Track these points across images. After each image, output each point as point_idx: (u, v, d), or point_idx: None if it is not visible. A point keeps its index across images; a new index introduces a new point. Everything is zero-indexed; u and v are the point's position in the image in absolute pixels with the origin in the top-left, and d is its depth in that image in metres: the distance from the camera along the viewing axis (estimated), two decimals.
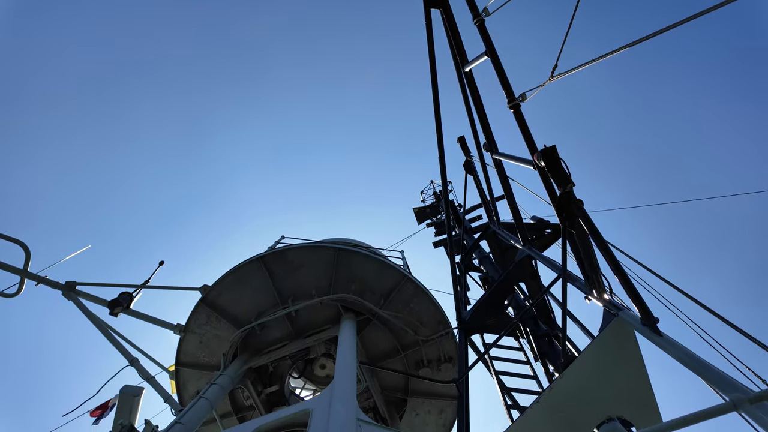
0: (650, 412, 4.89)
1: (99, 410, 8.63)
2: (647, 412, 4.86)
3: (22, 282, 7.74)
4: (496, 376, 7.11)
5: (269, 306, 8.38)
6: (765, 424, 2.33)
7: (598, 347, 4.59)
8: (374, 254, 8.61)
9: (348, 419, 4.63)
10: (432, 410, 8.95)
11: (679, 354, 3.45)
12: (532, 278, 7.63)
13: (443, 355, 8.66)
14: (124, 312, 7.86)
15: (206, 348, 8.31)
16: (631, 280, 4.08)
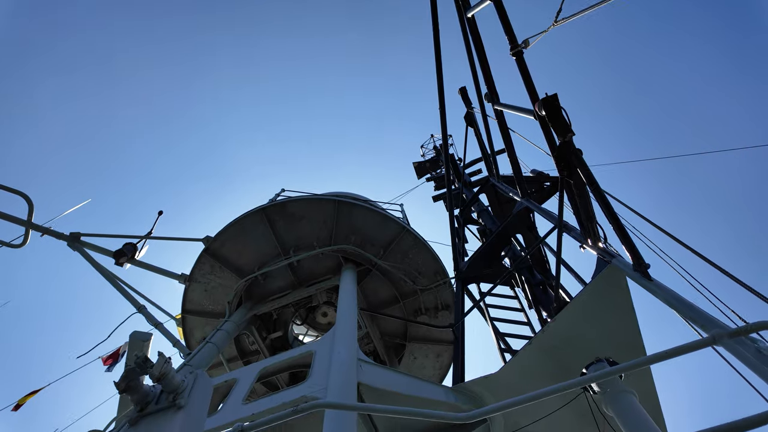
0: (637, 353, 5.14)
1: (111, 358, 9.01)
2: (634, 353, 5.11)
3: (27, 233, 7.86)
4: (491, 322, 7.39)
5: (272, 256, 8.56)
6: (742, 356, 2.48)
7: (590, 293, 4.76)
8: (374, 207, 8.71)
9: (349, 359, 4.88)
10: (429, 354, 9.36)
11: (666, 297, 3.61)
12: (529, 230, 7.77)
13: (440, 303, 8.95)
14: (130, 262, 8.03)
15: (211, 296, 8.57)
16: (625, 228, 4.18)
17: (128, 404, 7.32)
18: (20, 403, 8.95)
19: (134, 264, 8.05)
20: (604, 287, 4.71)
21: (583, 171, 4.39)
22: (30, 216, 7.64)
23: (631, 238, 4.10)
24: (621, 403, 4.50)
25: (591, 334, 5.00)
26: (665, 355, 2.48)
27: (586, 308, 4.88)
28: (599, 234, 5.12)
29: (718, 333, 2.43)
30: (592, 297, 4.79)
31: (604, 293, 4.76)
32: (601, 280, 4.64)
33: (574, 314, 4.89)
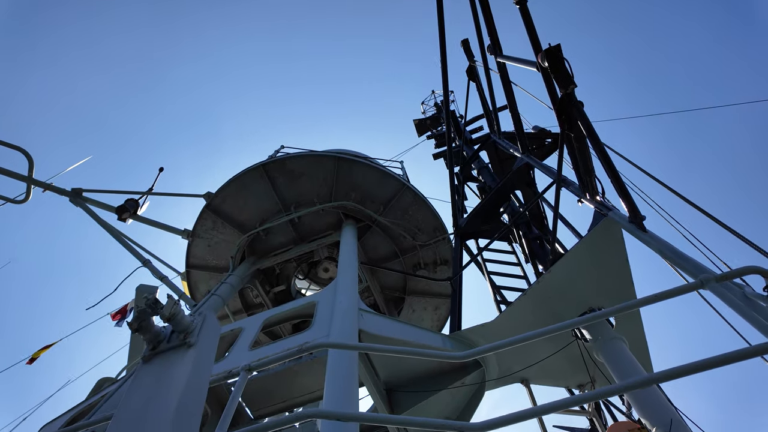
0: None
1: (119, 314, 9.28)
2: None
3: (28, 189, 7.91)
4: (488, 276, 7.57)
5: (273, 213, 8.65)
6: (728, 300, 2.59)
7: (585, 245, 4.87)
8: (374, 164, 8.71)
9: (350, 308, 5.05)
10: (428, 307, 9.64)
11: (659, 247, 3.70)
12: (529, 186, 7.81)
13: (439, 259, 9.13)
14: (132, 218, 8.12)
15: (214, 251, 8.73)
16: (623, 181, 4.22)
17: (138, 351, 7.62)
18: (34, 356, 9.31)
19: (137, 219, 8.15)
20: (599, 240, 4.81)
21: (584, 124, 4.38)
22: (30, 171, 7.66)
23: (628, 190, 4.14)
24: (611, 349, 4.70)
25: (585, 285, 5.15)
26: (654, 298, 2.59)
27: (581, 260, 4.99)
28: (597, 188, 5.17)
29: (705, 277, 2.52)
30: (588, 249, 4.89)
31: (600, 245, 4.86)
32: (597, 233, 4.72)
33: (569, 266, 5.01)
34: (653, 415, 3.84)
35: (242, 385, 2.69)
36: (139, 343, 7.38)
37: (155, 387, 2.22)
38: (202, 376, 2.26)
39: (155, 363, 2.38)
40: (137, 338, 7.58)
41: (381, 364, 5.42)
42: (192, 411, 2.14)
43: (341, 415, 2.18)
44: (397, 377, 5.69)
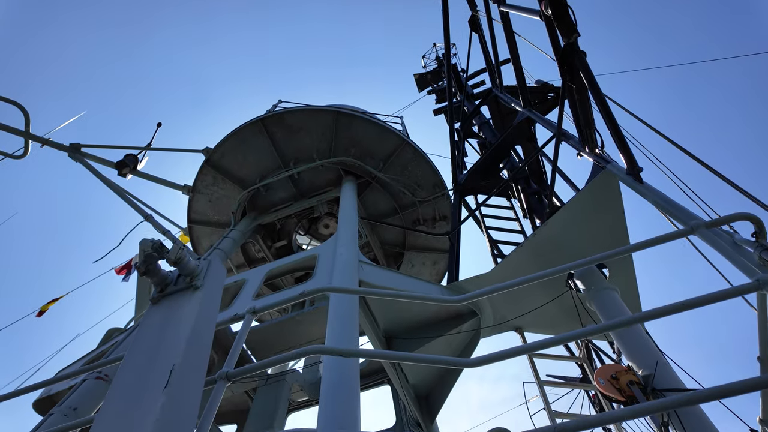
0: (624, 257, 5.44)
1: (125, 269, 9.46)
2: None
3: (26, 144, 7.87)
4: (485, 231, 7.68)
5: (272, 169, 8.66)
6: (716, 244, 2.67)
7: (583, 198, 4.92)
8: (374, 119, 8.62)
9: (351, 260, 5.17)
10: (426, 262, 9.83)
11: (654, 198, 3.75)
12: (529, 141, 7.76)
13: (438, 215, 9.22)
14: (132, 173, 8.13)
15: (215, 207, 8.80)
16: (622, 132, 4.22)
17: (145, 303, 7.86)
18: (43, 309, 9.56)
19: (136, 175, 8.16)
20: (596, 192, 4.85)
21: (585, 74, 4.32)
22: (27, 126, 7.60)
23: (626, 142, 4.15)
24: (603, 298, 4.86)
25: (580, 238, 5.24)
26: (645, 244, 2.67)
27: (578, 213, 5.07)
28: (597, 141, 5.16)
29: (696, 224, 2.59)
30: (585, 202, 4.95)
31: (597, 198, 4.91)
32: (595, 185, 4.77)
33: (565, 218, 5.09)
34: (640, 359, 4.03)
35: (248, 326, 2.82)
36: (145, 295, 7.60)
37: (164, 327, 2.33)
38: (209, 317, 2.38)
39: (163, 305, 2.48)
40: (143, 291, 7.79)
41: (380, 313, 5.61)
42: (201, 349, 2.26)
43: (343, 351, 2.31)
44: (396, 325, 5.89)
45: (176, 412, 1.95)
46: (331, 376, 2.91)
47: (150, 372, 2.09)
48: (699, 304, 2.17)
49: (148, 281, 7.12)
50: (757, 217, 2.53)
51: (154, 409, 1.91)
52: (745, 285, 2.12)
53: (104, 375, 4.83)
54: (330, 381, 2.85)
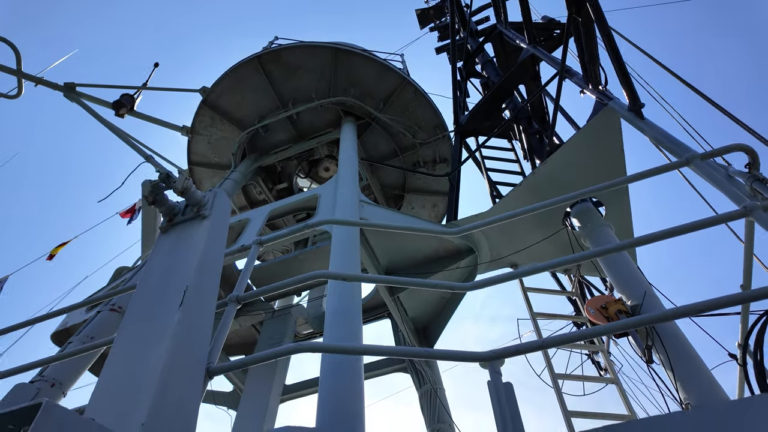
0: (622, 195, 5.51)
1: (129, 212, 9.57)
2: (619, 195, 5.47)
3: (20, 83, 7.72)
4: (485, 173, 7.71)
5: (271, 109, 8.55)
6: (710, 175, 2.73)
7: (583, 135, 4.92)
8: (373, 56, 8.39)
9: (352, 199, 5.26)
10: (426, 204, 9.94)
11: (654, 134, 3.76)
12: (533, 79, 7.61)
13: (438, 157, 9.21)
14: (129, 114, 8.04)
15: (215, 149, 8.78)
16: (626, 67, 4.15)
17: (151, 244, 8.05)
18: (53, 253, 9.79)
19: (134, 116, 8.08)
20: (597, 130, 4.85)
21: (592, 5, 4.17)
22: (19, 65, 7.43)
23: (630, 77, 4.09)
24: (598, 235, 4.99)
25: (579, 176, 5.29)
26: (640, 175, 2.73)
27: (578, 151, 5.08)
28: (600, 78, 5.08)
29: (691, 155, 2.63)
30: (585, 140, 4.95)
31: (597, 136, 4.91)
32: (596, 123, 4.75)
33: (565, 157, 5.11)
34: (629, 290, 4.22)
35: (254, 256, 2.95)
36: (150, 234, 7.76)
37: (175, 253, 2.45)
38: (218, 244, 2.49)
39: (173, 234, 2.59)
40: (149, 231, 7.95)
41: (381, 250, 5.77)
42: (212, 272, 2.39)
43: (347, 276, 2.44)
44: (396, 262, 6.08)
45: (191, 327, 2.10)
46: (335, 302, 3.08)
47: (164, 293, 2.23)
48: (687, 230, 2.26)
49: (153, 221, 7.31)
50: (751, 148, 2.57)
51: (170, 325, 2.05)
52: (733, 212, 2.20)
53: (117, 307, 5.08)
54: (334, 306, 3.02)
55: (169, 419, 1.79)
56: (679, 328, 3.90)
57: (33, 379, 4.35)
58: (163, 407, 1.79)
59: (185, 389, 1.94)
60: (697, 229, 2.26)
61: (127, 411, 1.78)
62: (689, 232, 2.27)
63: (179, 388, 1.90)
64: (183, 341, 2.06)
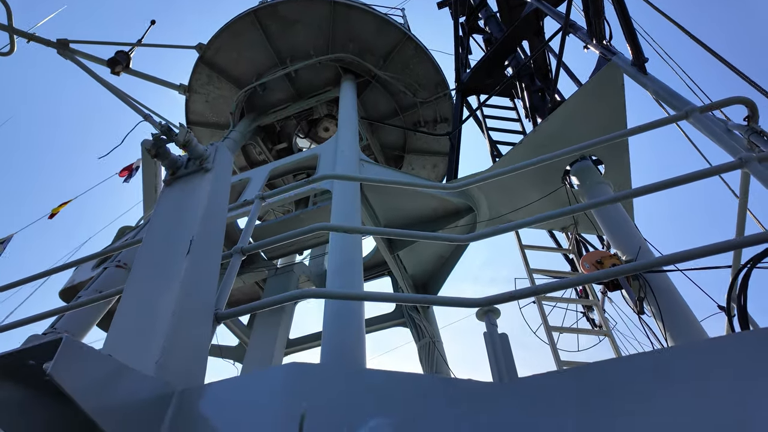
0: (623, 153, 5.51)
1: (126, 171, 9.57)
2: (620, 152, 5.48)
3: (11, 39, 7.55)
4: (486, 132, 7.66)
5: (268, 67, 8.39)
6: (708, 128, 2.73)
7: (585, 91, 4.87)
8: (373, 10, 8.15)
9: (352, 157, 5.27)
10: (426, 165, 9.93)
11: (656, 88, 3.73)
12: (536, 35, 7.43)
13: (439, 116, 9.12)
14: (125, 71, 7.89)
15: (213, 107, 8.69)
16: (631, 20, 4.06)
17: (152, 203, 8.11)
18: (54, 212, 9.86)
19: (130, 73, 7.94)
20: (600, 85, 4.79)
21: None
22: (10, 20, 7.23)
23: (634, 30, 4.01)
24: (596, 193, 5.03)
25: (580, 134, 5.26)
26: (639, 129, 2.74)
27: (580, 108, 5.05)
28: (605, 32, 4.97)
29: (690, 108, 2.63)
30: (587, 96, 4.91)
31: (600, 92, 4.86)
32: (598, 78, 4.69)
33: (566, 114, 5.08)
34: (625, 245, 4.30)
35: (257, 211, 3.00)
36: (151, 193, 7.81)
37: (180, 204, 2.49)
38: (222, 197, 2.53)
39: (176, 187, 2.63)
40: (150, 190, 7.99)
41: (381, 209, 5.83)
42: (217, 223, 2.44)
43: (348, 228, 2.50)
44: (396, 222, 6.16)
45: (199, 275, 2.18)
46: (337, 256, 3.16)
47: (171, 243, 2.29)
48: (682, 182, 2.30)
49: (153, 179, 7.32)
50: (751, 101, 2.56)
51: (178, 272, 2.13)
52: (728, 163, 2.23)
53: (123, 263, 5.19)
54: (336, 259, 3.11)
55: (181, 358, 1.89)
56: (671, 282, 4.02)
57: (45, 332, 4.51)
58: (175, 347, 1.89)
59: (195, 332, 2.04)
60: (691, 181, 2.30)
61: (141, 350, 1.88)
62: (684, 183, 2.31)
63: (189, 331, 2.00)
64: (191, 288, 2.14)
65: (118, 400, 1.56)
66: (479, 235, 2.54)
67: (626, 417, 1.47)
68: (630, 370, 1.60)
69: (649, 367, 1.58)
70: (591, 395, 1.56)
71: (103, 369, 1.55)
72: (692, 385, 1.48)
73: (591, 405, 1.54)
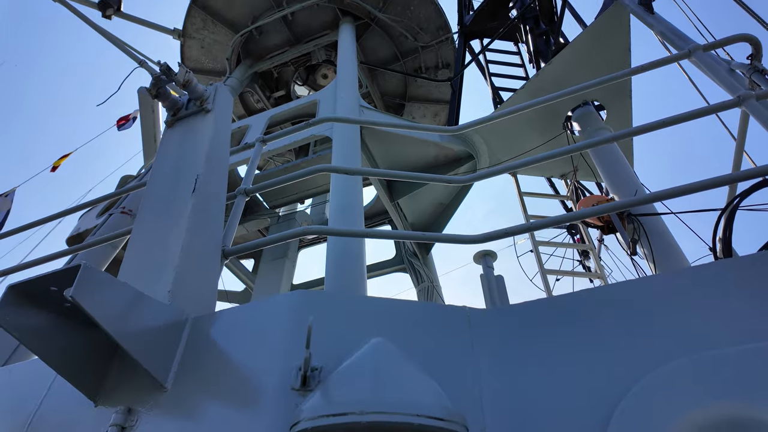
0: (625, 98, 5.45)
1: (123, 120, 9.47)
2: (622, 98, 5.41)
3: None
4: (489, 77, 7.51)
5: (264, 9, 8.09)
6: (710, 66, 2.71)
7: (590, 33, 4.75)
8: None
9: (352, 104, 5.22)
10: (427, 114, 9.80)
11: (662, 29, 3.64)
12: None
13: (441, 62, 8.88)
14: (117, 15, 7.63)
15: (209, 53, 8.47)
16: None
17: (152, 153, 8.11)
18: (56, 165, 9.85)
19: (122, 17, 7.68)
20: (604, 28, 4.67)
21: None
22: None
23: None
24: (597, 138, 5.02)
25: (584, 78, 5.16)
26: (642, 68, 2.72)
27: (584, 51, 4.94)
28: None
29: (693, 47, 2.60)
30: (591, 38, 4.79)
31: (604, 34, 4.74)
32: (605, 18, 4.56)
33: (570, 57, 4.98)
34: (622, 190, 4.37)
35: (258, 153, 3.04)
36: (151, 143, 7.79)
37: (182, 145, 2.53)
38: (223, 137, 2.56)
39: (178, 128, 2.65)
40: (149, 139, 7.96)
41: (381, 156, 5.84)
42: (220, 162, 2.49)
43: (348, 170, 2.55)
44: (396, 169, 6.19)
45: (205, 212, 2.25)
46: (338, 198, 3.23)
47: (176, 182, 2.35)
48: (679, 121, 2.32)
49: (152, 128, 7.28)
50: (755, 38, 2.52)
51: (185, 209, 2.20)
52: (726, 101, 2.24)
53: (128, 210, 5.27)
54: (337, 202, 3.18)
55: (192, 289, 2.00)
56: (665, 225, 4.11)
57: None
58: (186, 279, 1.99)
59: (204, 266, 2.14)
60: (690, 119, 2.32)
61: (154, 282, 1.98)
62: (682, 122, 2.33)
63: (199, 264, 2.10)
64: (198, 225, 2.22)
65: (138, 326, 1.67)
66: (478, 176, 2.59)
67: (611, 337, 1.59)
68: (614, 295, 1.70)
69: (632, 293, 1.69)
70: (579, 318, 1.67)
71: (124, 296, 1.65)
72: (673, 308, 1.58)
73: (577, 327, 1.66)
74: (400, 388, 1.35)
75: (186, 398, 1.61)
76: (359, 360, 1.44)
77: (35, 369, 2.04)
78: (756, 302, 1.50)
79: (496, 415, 1.45)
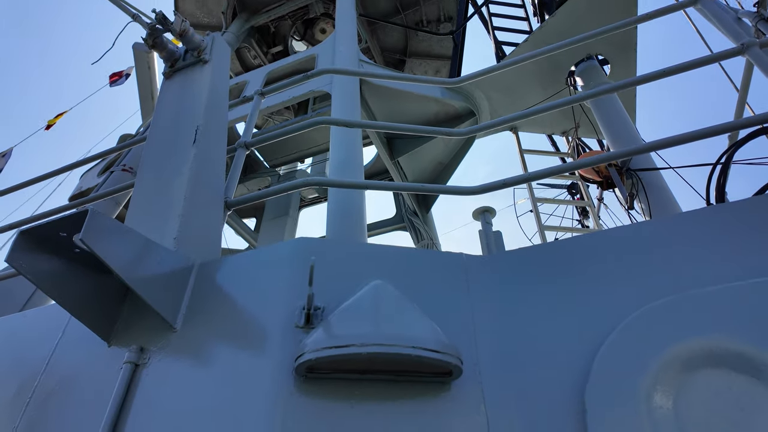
0: (629, 52, 5.33)
1: (116, 76, 9.29)
2: (627, 52, 5.29)
3: None
4: (492, 31, 7.31)
5: None
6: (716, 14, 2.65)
7: None
8: None
9: (351, 58, 5.11)
10: (428, 70, 9.59)
11: None
12: None
13: (443, 15, 8.60)
14: None
15: (204, 7, 8.21)
16: None
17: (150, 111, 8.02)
18: (50, 123, 9.73)
19: None
20: None
21: None
22: None
23: None
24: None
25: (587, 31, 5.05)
26: (647, 16, 2.66)
27: (589, 2, 4.79)
28: None
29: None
30: None
31: None
32: None
33: (575, 8, 4.84)
34: (621, 144, 4.36)
35: (257, 107, 3.02)
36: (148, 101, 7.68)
37: (181, 96, 2.52)
38: (222, 87, 2.55)
39: (176, 79, 2.63)
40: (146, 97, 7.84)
41: (381, 112, 5.77)
42: (219, 113, 2.49)
43: (348, 122, 2.54)
44: None
45: (207, 162, 2.27)
46: (337, 153, 3.24)
47: (177, 133, 2.36)
48: (682, 70, 2.30)
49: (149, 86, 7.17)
50: None
51: (187, 160, 2.22)
52: (728, 50, 2.21)
53: (129, 167, 5.28)
54: (337, 156, 3.19)
55: (197, 237, 2.06)
56: (663, 180, 4.13)
57: None
58: (190, 227, 2.04)
59: (208, 215, 2.19)
60: (692, 68, 2.30)
61: (159, 230, 2.03)
62: (685, 71, 2.31)
63: (202, 213, 2.14)
64: (200, 176, 2.24)
65: (147, 270, 1.73)
66: (479, 128, 2.59)
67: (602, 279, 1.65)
68: (607, 240, 1.75)
69: (625, 238, 1.74)
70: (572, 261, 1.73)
71: (132, 242, 1.70)
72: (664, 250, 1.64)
73: (569, 270, 1.72)
74: (399, 324, 1.42)
75: (195, 337, 1.69)
76: (360, 299, 1.51)
77: (49, 314, 2.13)
78: (746, 244, 1.54)
79: (489, 351, 1.53)
